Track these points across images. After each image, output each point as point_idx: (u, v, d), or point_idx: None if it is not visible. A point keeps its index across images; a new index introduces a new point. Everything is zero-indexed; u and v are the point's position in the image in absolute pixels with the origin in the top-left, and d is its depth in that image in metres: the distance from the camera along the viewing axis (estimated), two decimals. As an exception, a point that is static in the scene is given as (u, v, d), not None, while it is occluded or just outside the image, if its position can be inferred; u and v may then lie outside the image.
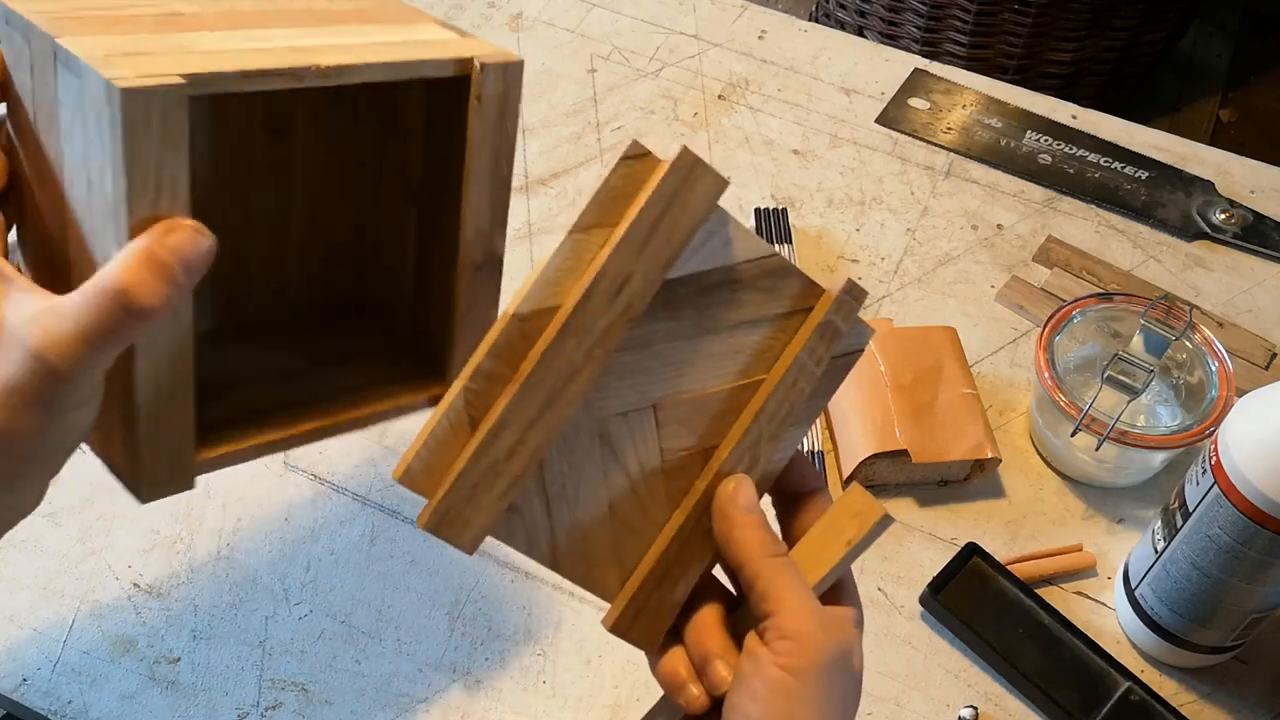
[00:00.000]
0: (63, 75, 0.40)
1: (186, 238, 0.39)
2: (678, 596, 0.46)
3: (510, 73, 0.47)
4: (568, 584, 0.68)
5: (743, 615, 0.46)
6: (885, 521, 0.45)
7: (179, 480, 0.45)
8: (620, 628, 0.46)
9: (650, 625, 0.46)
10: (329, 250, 0.59)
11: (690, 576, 0.46)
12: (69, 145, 0.41)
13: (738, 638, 0.45)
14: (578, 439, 0.43)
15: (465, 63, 0.46)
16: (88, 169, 0.40)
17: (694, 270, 0.43)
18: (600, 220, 0.42)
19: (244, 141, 0.55)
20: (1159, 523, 0.64)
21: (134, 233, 0.39)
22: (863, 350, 0.48)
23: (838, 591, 0.46)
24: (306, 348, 0.57)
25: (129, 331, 0.39)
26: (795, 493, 0.48)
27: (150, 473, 0.44)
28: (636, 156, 0.42)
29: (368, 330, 0.58)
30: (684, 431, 0.45)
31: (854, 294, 0.47)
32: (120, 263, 0.38)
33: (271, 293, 0.58)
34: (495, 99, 0.47)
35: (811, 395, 0.47)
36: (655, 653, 0.47)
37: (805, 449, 0.73)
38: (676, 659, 0.46)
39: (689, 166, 0.41)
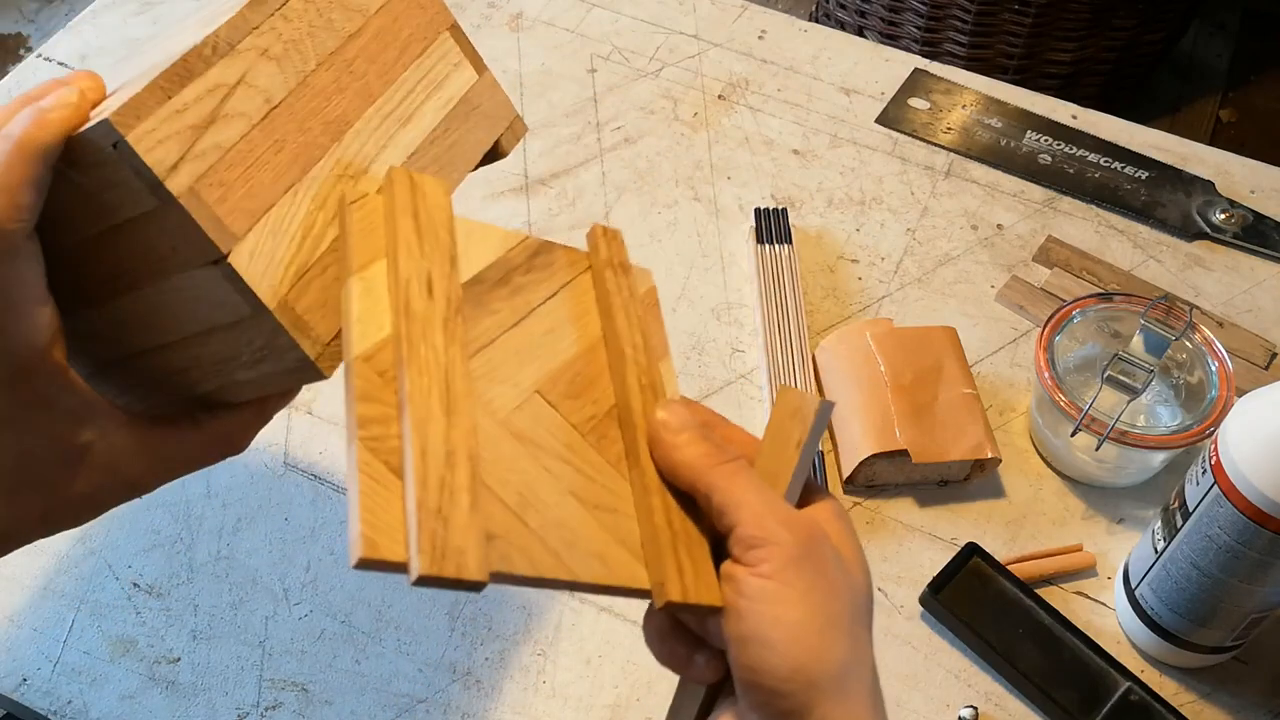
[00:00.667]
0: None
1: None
2: (700, 533, 0.43)
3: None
4: (568, 584, 0.68)
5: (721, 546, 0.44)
6: (826, 407, 0.44)
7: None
8: (676, 593, 0.41)
9: (697, 578, 0.42)
10: None
11: (696, 512, 0.44)
12: None
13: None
14: (499, 444, 0.42)
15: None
16: None
17: (476, 270, 0.46)
18: (368, 257, 0.43)
19: None
20: (1159, 523, 0.64)
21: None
22: (653, 289, 0.51)
23: (810, 493, 0.44)
24: None
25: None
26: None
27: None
28: (356, 200, 0.44)
29: None
30: (578, 403, 0.45)
31: (608, 234, 0.50)
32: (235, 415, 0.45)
33: None
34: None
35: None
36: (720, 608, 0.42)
37: (805, 449, 0.73)
38: (669, 638, 0.43)
39: (407, 178, 0.45)
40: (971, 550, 0.69)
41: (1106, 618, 0.69)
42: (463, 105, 0.52)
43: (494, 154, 0.54)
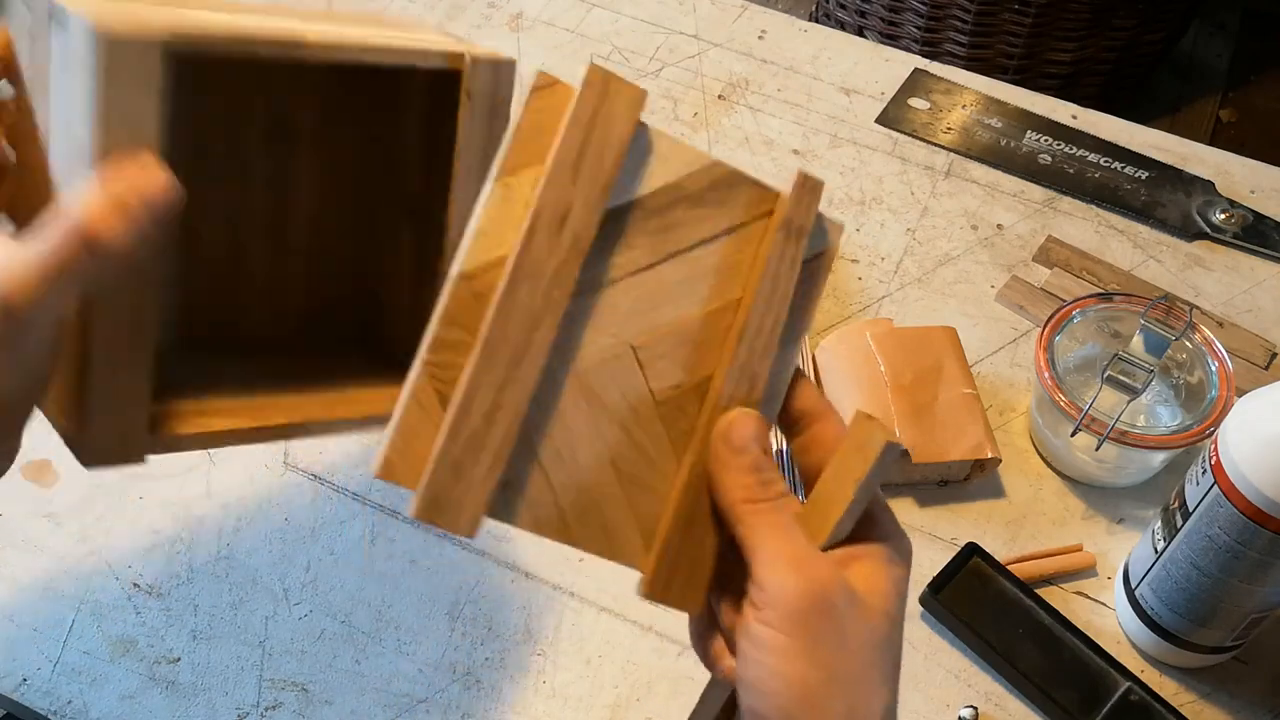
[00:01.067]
0: (55, 34, 0.40)
1: (152, 179, 0.38)
2: (709, 547, 0.42)
3: (502, 71, 0.46)
4: (568, 584, 0.69)
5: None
6: (891, 450, 0.41)
7: (128, 451, 0.43)
8: (655, 591, 0.42)
9: (687, 583, 0.42)
10: (329, 262, 0.59)
11: (714, 525, 0.42)
12: (54, 102, 0.41)
13: None
14: (561, 396, 0.40)
15: (456, 57, 0.45)
16: (68, 121, 0.40)
17: (636, 195, 0.41)
18: (525, 160, 0.39)
19: (243, 145, 0.55)
20: (1159, 523, 0.64)
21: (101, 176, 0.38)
22: (833, 250, 0.45)
23: (869, 527, 0.42)
24: (296, 354, 0.57)
25: (88, 269, 0.37)
26: (797, 417, 0.44)
27: (98, 437, 0.43)
28: (545, 86, 0.39)
29: (364, 340, 0.58)
30: (671, 368, 0.42)
31: (809, 186, 0.44)
32: (81, 199, 0.37)
33: (270, 304, 0.58)
34: (485, 96, 0.46)
35: (794, 307, 0.44)
36: (697, 615, 0.43)
37: (805, 449, 0.73)
38: (706, 635, 0.43)
39: (601, 83, 0.39)
40: (971, 550, 0.69)
41: (1106, 618, 0.69)
42: None
43: None
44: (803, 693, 0.37)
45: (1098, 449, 0.69)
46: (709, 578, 0.43)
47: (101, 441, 0.43)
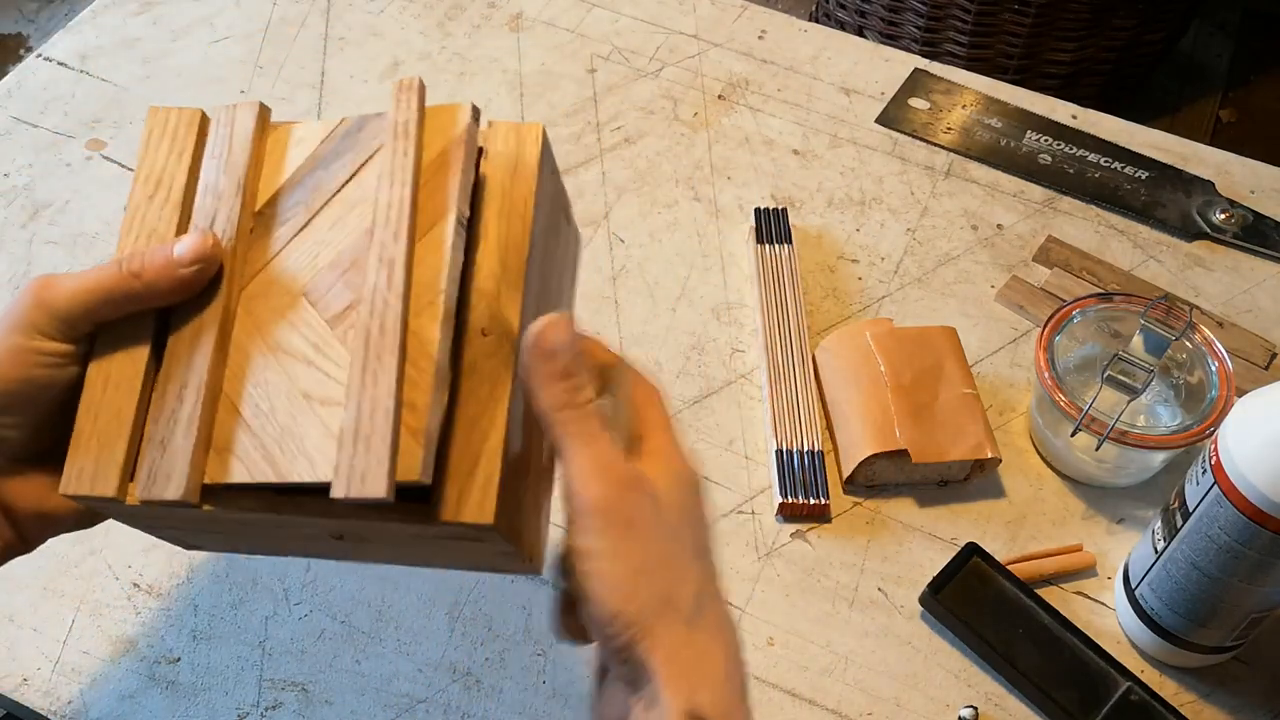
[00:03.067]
0: None
1: (193, 244, 0.47)
2: (381, 427, 0.42)
3: (523, 133, 0.47)
4: (568, 584, 0.69)
5: None
6: (623, 369, 0.47)
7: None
8: (339, 488, 0.41)
9: (366, 465, 0.42)
10: None
11: (384, 401, 0.42)
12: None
13: None
14: (252, 362, 0.46)
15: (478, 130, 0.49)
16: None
17: (285, 177, 0.49)
18: (153, 192, 0.49)
19: None
20: (1159, 523, 0.64)
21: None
22: (472, 132, 0.47)
23: (648, 434, 0.46)
24: None
25: (124, 296, 0.46)
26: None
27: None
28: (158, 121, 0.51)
29: None
30: (340, 292, 0.46)
31: (405, 85, 0.48)
32: (140, 247, 0.47)
33: None
34: (504, 155, 0.47)
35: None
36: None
37: (806, 448, 0.73)
38: (564, 616, 0.46)
39: (224, 116, 0.50)
40: (971, 550, 0.69)
41: (1106, 618, 0.69)
42: None
43: None
44: (620, 587, 0.40)
45: (1098, 449, 0.69)
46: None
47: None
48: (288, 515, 0.45)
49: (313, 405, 0.44)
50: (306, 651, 0.66)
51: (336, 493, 0.41)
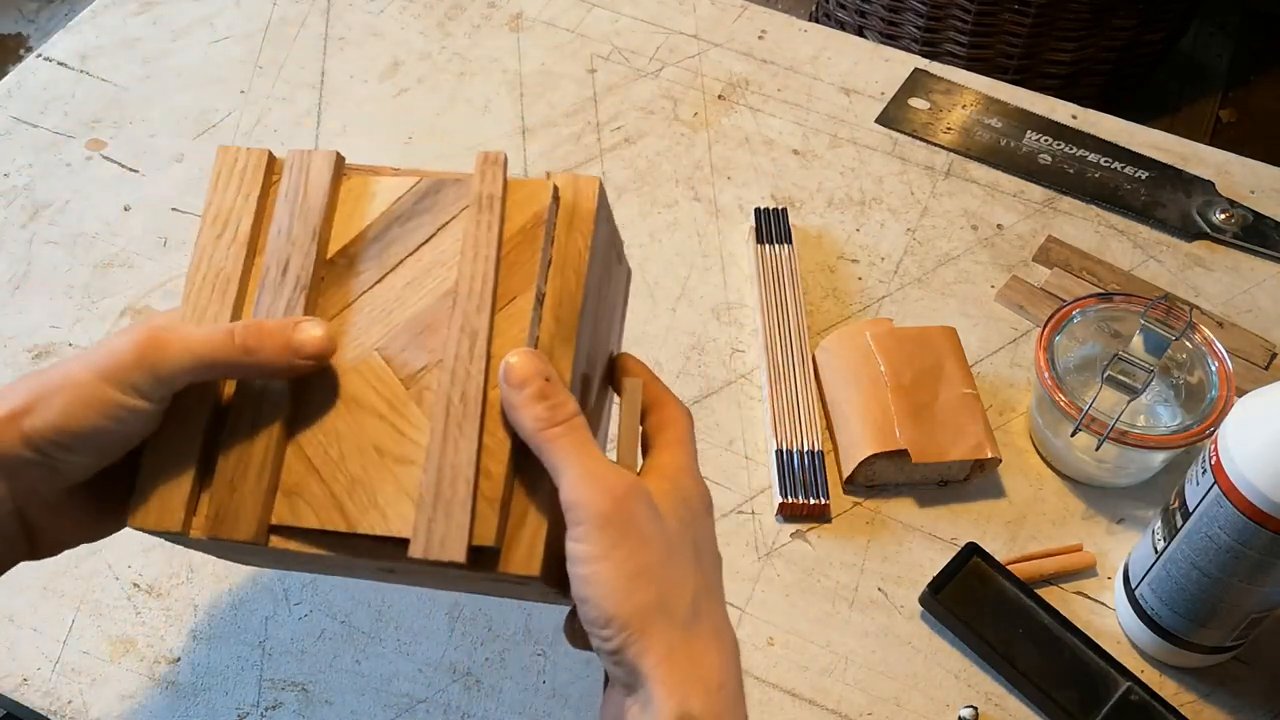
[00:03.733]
0: None
1: (315, 340, 0.46)
2: (461, 495, 0.45)
3: (581, 186, 0.49)
4: (568, 584, 0.69)
5: None
6: (635, 384, 0.50)
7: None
8: (417, 549, 0.44)
9: (446, 530, 0.44)
10: None
11: (465, 469, 0.45)
12: None
13: None
14: (322, 407, 0.47)
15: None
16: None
17: (356, 231, 0.49)
18: (220, 232, 0.49)
19: None
20: (1159, 523, 0.64)
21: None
22: (566, 202, 0.48)
23: (658, 449, 0.48)
24: None
25: (230, 368, 0.45)
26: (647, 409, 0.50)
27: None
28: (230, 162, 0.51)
29: None
30: (414, 355, 0.47)
31: (490, 159, 0.49)
32: (253, 322, 0.46)
33: None
34: (563, 206, 0.48)
35: (556, 274, 0.47)
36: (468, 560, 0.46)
37: (806, 448, 0.73)
38: (573, 622, 0.48)
39: (301, 160, 0.50)
40: (971, 550, 0.69)
41: (1106, 618, 0.69)
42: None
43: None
44: (614, 592, 0.41)
45: (1098, 449, 0.69)
46: (466, 522, 0.45)
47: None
48: (348, 557, 0.46)
49: (385, 460, 0.46)
50: (306, 651, 0.66)
51: (415, 553, 0.44)
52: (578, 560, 0.42)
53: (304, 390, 0.47)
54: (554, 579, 0.46)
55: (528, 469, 0.45)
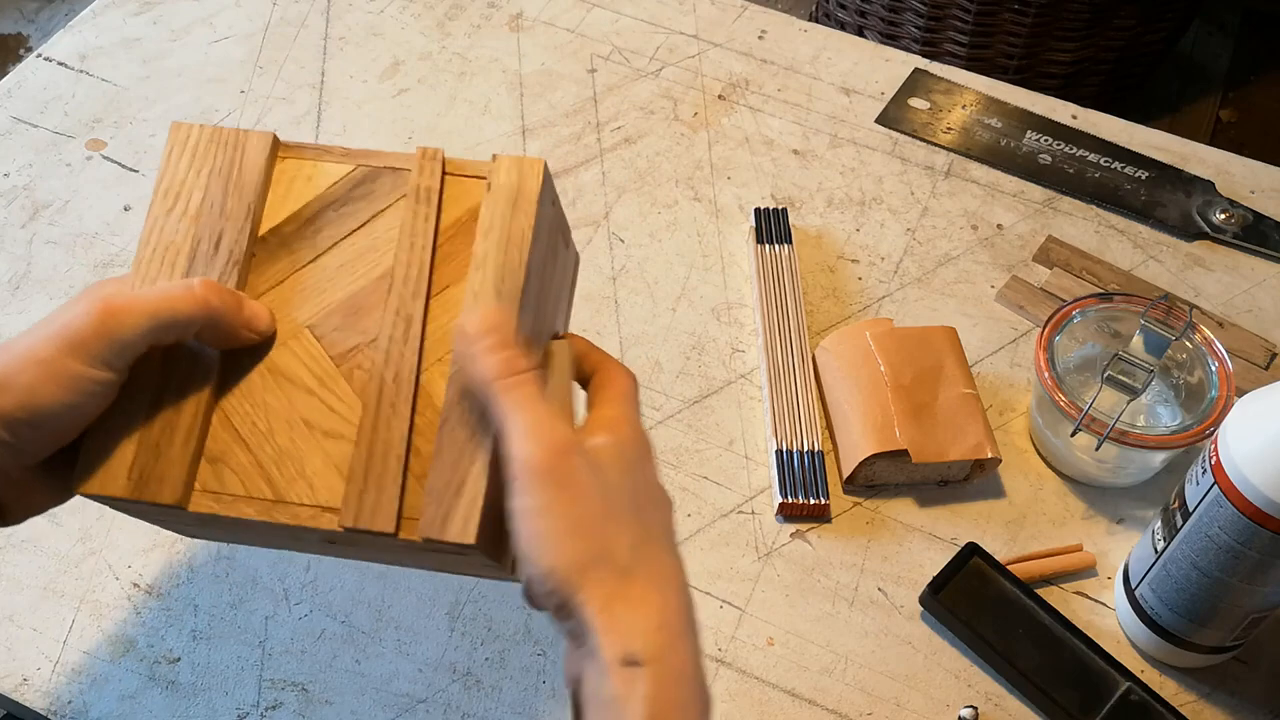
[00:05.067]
0: None
1: (265, 317, 0.49)
2: (393, 469, 0.46)
3: (526, 166, 0.49)
4: (568, 584, 0.69)
5: None
6: (561, 345, 0.50)
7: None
8: (346, 518, 0.46)
9: (377, 501, 0.46)
10: None
11: (396, 446, 0.47)
12: None
13: None
14: (250, 380, 0.48)
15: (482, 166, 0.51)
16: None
17: (290, 211, 0.51)
18: (171, 205, 0.51)
19: None
20: (1159, 523, 0.64)
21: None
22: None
23: (597, 402, 0.48)
24: None
25: (188, 323, 0.46)
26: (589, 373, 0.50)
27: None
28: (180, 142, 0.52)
29: None
30: (345, 335, 0.49)
31: (428, 155, 0.51)
32: (209, 279, 0.48)
33: None
34: (506, 187, 0.49)
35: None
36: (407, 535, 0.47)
37: (806, 448, 0.73)
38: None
39: (233, 138, 0.51)
40: (971, 550, 0.69)
41: (1106, 618, 0.69)
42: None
43: None
44: (553, 545, 0.42)
45: (1098, 449, 0.69)
46: (396, 494, 0.46)
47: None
48: (282, 523, 0.47)
49: (314, 434, 0.47)
50: (306, 651, 0.66)
51: (345, 522, 0.46)
52: (518, 515, 0.42)
53: (233, 363, 0.48)
54: (493, 549, 0.46)
55: (463, 444, 0.46)
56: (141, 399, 0.47)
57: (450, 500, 0.45)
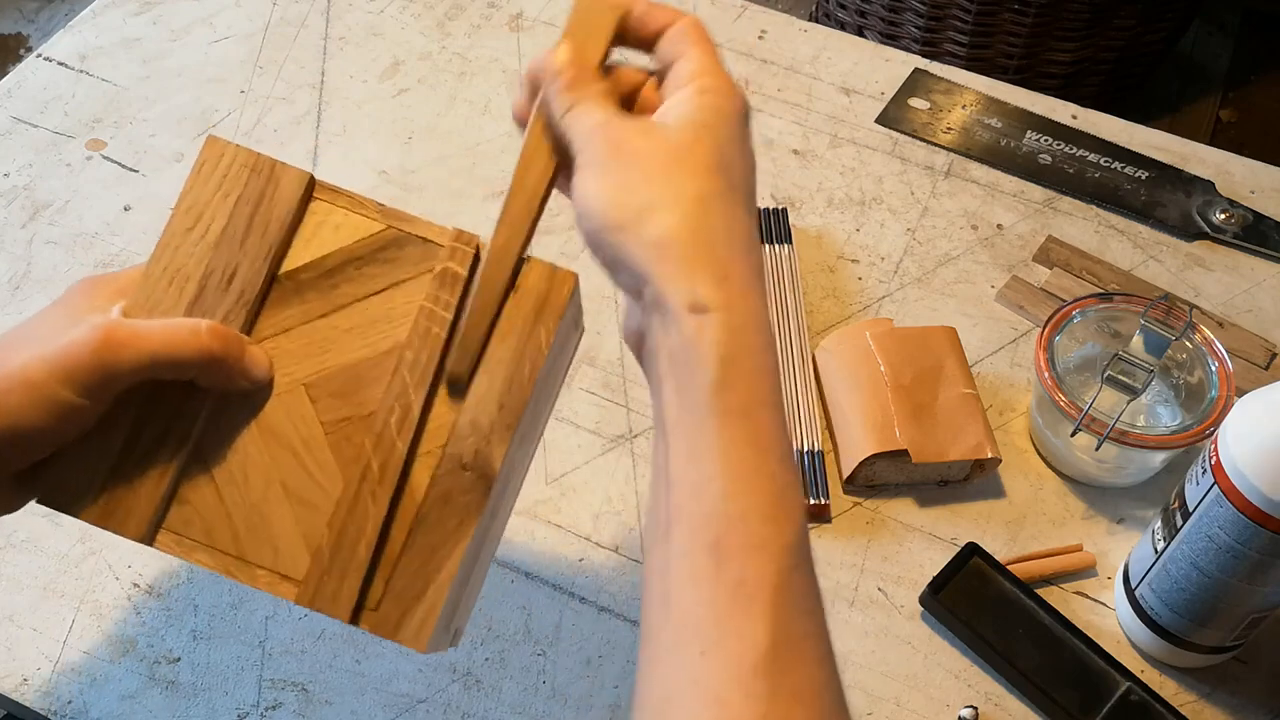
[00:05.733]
0: None
1: (264, 368, 0.48)
2: (360, 558, 0.46)
3: (558, 279, 0.48)
4: (568, 584, 0.69)
5: None
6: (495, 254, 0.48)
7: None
8: (304, 596, 0.46)
9: (339, 587, 0.46)
10: None
11: (369, 535, 0.46)
12: None
13: None
14: (236, 427, 0.47)
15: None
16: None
17: (310, 258, 0.49)
18: (191, 225, 0.49)
19: None
20: (1159, 523, 0.64)
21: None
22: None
23: (684, 76, 0.46)
24: None
25: (185, 367, 0.46)
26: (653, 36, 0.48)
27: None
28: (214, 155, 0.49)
29: None
30: (339, 403, 0.48)
31: (464, 240, 0.49)
32: (217, 324, 0.47)
33: None
34: (533, 293, 0.48)
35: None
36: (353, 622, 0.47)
37: (806, 448, 0.73)
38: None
39: (267, 167, 0.49)
40: (971, 550, 0.69)
41: (1106, 618, 0.69)
42: None
43: None
44: (603, 199, 0.42)
45: (1098, 449, 0.69)
46: (357, 585, 0.46)
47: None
48: (238, 581, 0.47)
49: (289, 498, 0.47)
50: (306, 651, 0.66)
51: (302, 602, 0.46)
52: (576, 186, 0.43)
53: (223, 403, 0.47)
54: (440, 646, 0.48)
55: (435, 548, 0.46)
56: (124, 423, 0.47)
57: (409, 603, 0.46)
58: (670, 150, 0.43)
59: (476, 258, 0.49)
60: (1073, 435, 0.69)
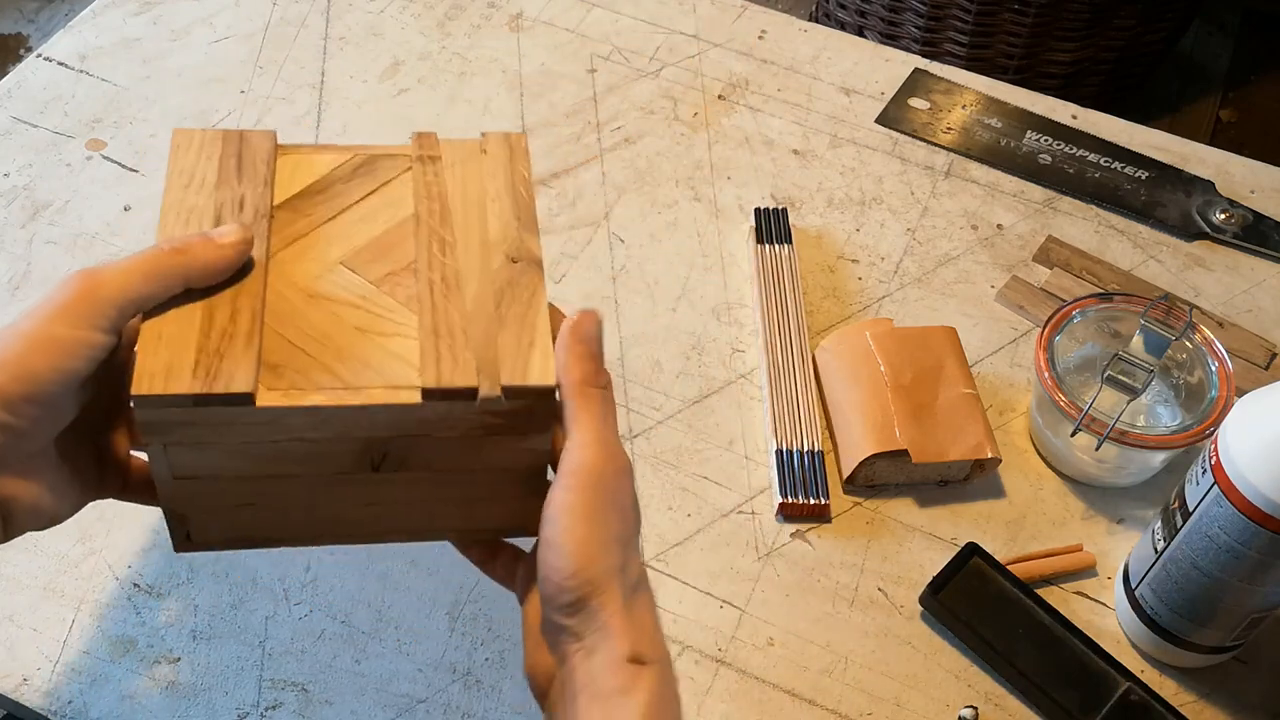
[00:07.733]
0: None
1: (234, 229, 0.50)
2: (463, 336, 0.49)
3: (513, 137, 0.58)
4: (568, 584, 0.69)
5: None
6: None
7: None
8: (429, 378, 0.48)
9: (454, 365, 0.49)
10: None
11: (461, 322, 0.50)
12: None
13: None
14: (295, 304, 0.50)
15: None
16: None
17: (299, 188, 0.54)
18: (188, 183, 0.53)
19: None
20: (1159, 523, 0.64)
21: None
22: (504, 140, 0.58)
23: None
24: None
25: (169, 274, 0.47)
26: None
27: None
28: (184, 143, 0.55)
29: None
30: (379, 264, 0.52)
31: (422, 135, 0.57)
32: (181, 228, 0.51)
33: None
34: (500, 150, 0.57)
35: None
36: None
37: (806, 448, 0.73)
38: (472, 549, 0.57)
39: (235, 135, 0.55)
40: (971, 550, 0.69)
41: (1106, 618, 0.69)
42: None
43: None
44: (587, 550, 0.46)
45: (1098, 449, 0.69)
46: (470, 355, 0.49)
47: None
48: (356, 406, 0.48)
49: (369, 335, 0.49)
50: (306, 651, 0.66)
51: (427, 383, 0.48)
52: (564, 510, 0.46)
53: (273, 299, 0.50)
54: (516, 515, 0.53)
55: (519, 314, 0.50)
56: (192, 318, 0.48)
57: (525, 353, 0.49)
58: (629, 512, 0.49)
59: (436, 141, 0.57)
60: (1073, 435, 0.69)
